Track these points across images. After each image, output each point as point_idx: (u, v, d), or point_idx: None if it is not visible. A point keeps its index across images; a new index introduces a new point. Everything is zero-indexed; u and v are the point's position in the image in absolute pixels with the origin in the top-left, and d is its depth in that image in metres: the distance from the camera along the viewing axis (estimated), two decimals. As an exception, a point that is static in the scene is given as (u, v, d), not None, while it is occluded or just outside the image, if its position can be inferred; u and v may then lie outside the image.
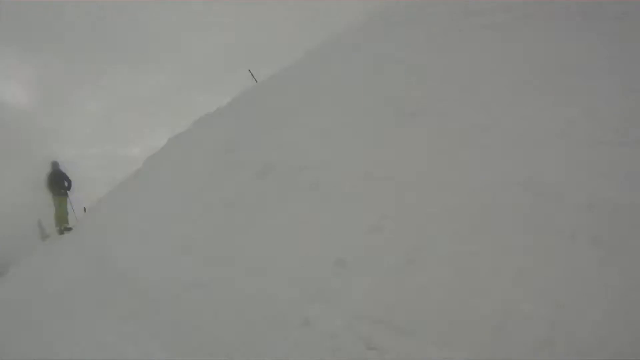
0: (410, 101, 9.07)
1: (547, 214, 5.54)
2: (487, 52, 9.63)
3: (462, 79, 9.08)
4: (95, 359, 6.93)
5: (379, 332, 5.26)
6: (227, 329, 6.54)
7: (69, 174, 18.48)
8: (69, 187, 18.34)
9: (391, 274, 5.83)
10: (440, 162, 7.20)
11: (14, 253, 20.51)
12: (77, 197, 19.14)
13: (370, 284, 5.87)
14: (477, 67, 9.24)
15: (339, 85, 11.69)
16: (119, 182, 18.67)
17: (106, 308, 8.47)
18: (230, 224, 8.91)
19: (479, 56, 9.62)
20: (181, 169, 13.33)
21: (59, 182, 18.15)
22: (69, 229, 17.31)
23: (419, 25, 12.63)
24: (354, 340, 5.32)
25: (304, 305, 6.13)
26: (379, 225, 6.65)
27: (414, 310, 5.27)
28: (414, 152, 7.69)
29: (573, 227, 5.24)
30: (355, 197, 7.48)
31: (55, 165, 18.28)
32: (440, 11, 12.53)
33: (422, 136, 7.97)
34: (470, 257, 5.50)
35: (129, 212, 13.50)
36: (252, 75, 22.56)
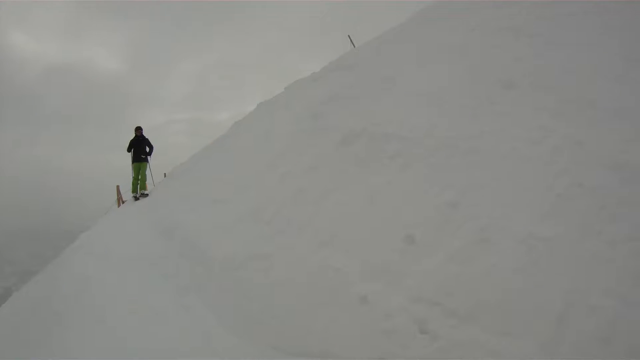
0: (507, 72, 8.98)
1: (632, 203, 5.51)
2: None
3: (568, 48, 8.97)
4: (148, 329, 7.17)
5: (434, 315, 5.50)
6: (283, 303, 6.79)
7: (152, 140, 19.03)
8: (149, 153, 18.92)
9: (459, 254, 6.03)
10: (533, 137, 7.14)
11: (89, 217, 21.36)
12: (159, 163, 19.72)
13: (435, 264, 6.10)
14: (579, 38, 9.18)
15: (438, 52, 11.64)
16: (202, 148, 19.03)
17: (168, 278, 8.82)
18: (304, 194, 9.18)
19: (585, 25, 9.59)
20: (264, 135, 13.55)
21: (140, 148, 18.76)
22: (146, 195, 17.91)
23: None
24: (408, 323, 5.54)
25: (365, 282, 6.36)
26: (455, 201, 6.82)
27: (476, 295, 5.47)
28: (506, 125, 7.65)
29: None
30: (436, 170, 7.61)
31: (138, 130, 18.90)
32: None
33: (518, 109, 7.88)
34: (544, 241, 5.58)
35: (204, 180, 13.85)
36: (351, 41, 22.59)
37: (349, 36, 23.17)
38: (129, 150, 18.79)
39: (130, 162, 18.77)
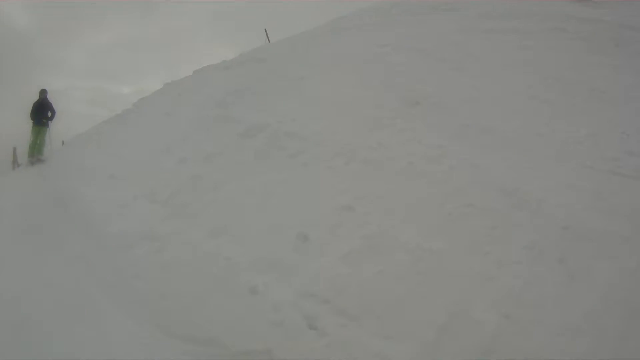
0: (417, 91, 9.22)
1: (521, 227, 5.71)
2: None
3: (473, 77, 9.30)
4: (37, 292, 6.98)
5: (323, 312, 5.48)
6: (173, 287, 6.71)
7: (54, 105, 18.52)
8: (51, 118, 18.33)
9: (350, 257, 6.07)
10: (428, 154, 7.37)
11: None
12: (57, 130, 19.16)
13: (326, 263, 6.10)
14: (488, 69, 9.53)
15: (350, 62, 11.84)
16: (102, 120, 18.66)
17: (56, 248, 8.57)
18: (201, 180, 9.10)
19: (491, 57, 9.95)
20: (167, 117, 13.42)
21: (42, 111, 18.13)
22: (42, 161, 17.37)
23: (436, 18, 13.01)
24: (297, 317, 5.53)
25: (255, 274, 6.32)
26: (350, 206, 6.88)
27: (363, 297, 5.49)
28: (406, 141, 7.84)
29: (543, 243, 5.40)
30: (334, 174, 7.69)
31: (43, 93, 18.29)
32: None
33: (419, 127, 8.12)
34: (432, 254, 5.72)
35: (103, 153, 13.57)
36: (267, 35, 22.63)
37: (265, 30, 23.20)
38: (32, 115, 18.19)
39: (31, 125, 18.22)
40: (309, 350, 5.13)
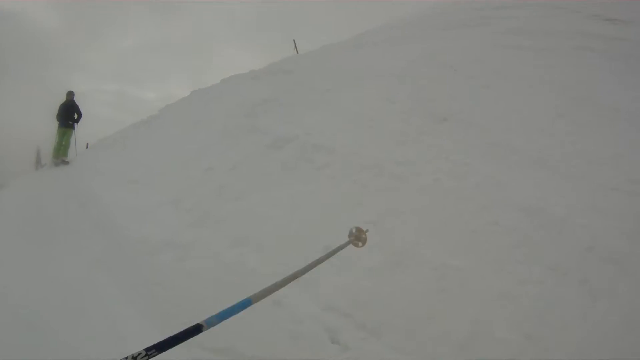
0: (444, 107, 9.18)
1: (545, 247, 5.65)
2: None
3: (500, 95, 9.28)
4: (55, 296, 6.93)
5: (345, 326, 5.48)
6: (196, 295, 6.67)
7: (80, 107, 18.62)
8: (77, 120, 18.44)
9: (373, 271, 6.06)
10: (454, 171, 7.32)
11: (4, 176, 20.76)
12: (82, 133, 19.26)
13: (349, 277, 6.08)
14: (515, 87, 9.52)
15: (377, 76, 11.83)
16: (128, 125, 18.73)
17: (77, 252, 8.54)
18: (226, 190, 9.10)
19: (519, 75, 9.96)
20: (194, 125, 13.44)
21: (68, 113, 18.24)
22: (66, 163, 17.43)
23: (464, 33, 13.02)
24: (319, 331, 5.52)
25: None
26: (376, 221, 6.79)
27: (386, 312, 5.50)
28: (433, 157, 7.80)
29: (565, 264, 5.32)
30: (360, 187, 7.67)
31: (70, 95, 18.42)
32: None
33: (446, 143, 8.08)
34: (455, 271, 5.70)
35: (128, 158, 13.61)
36: (295, 46, 22.68)
37: (293, 40, 23.30)
38: (58, 116, 18.26)
39: (56, 126, 18.29)
40: (330, 364, 5.09)
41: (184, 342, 5.50)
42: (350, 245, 6.38)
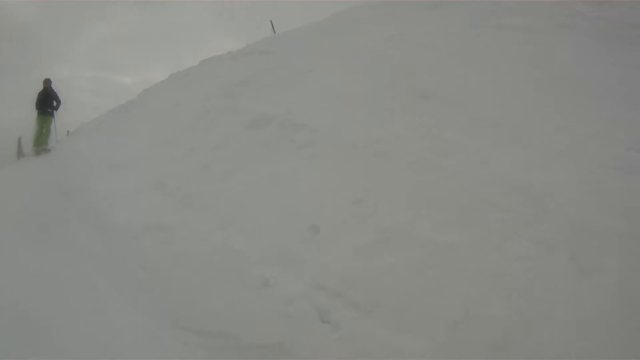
0: (425, 84, 9.14)
1: (533, 222, 5.65)
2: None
3: (481, 72, 9.28)
4: (43, 291, 6.87)
5: (336, 305, 5.45)
6: (182, 278, 6.69)
7: (59, 94, 18.54)
8: (56, 107, 18.37)
9: (361, 249, 6.00)
10: (439, 148, 7.30)
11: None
12: (62, 120, 19.18)
13: (337, 256, 6.05)
14: (498, 65, 9.51)
15: (356, 55, 11.78)
16: (107, 111, 18.64)
17: (62, 241, 8.52)
18: (209, 171, 9.04)
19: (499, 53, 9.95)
20: (173, 107, 13.40)
21: (47, 101, 18.17)
22: (47, 151, 17.36)
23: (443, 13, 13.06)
24: (310, 310, 5.51)
25: (266, 266, 6.30)
26: (361, 198, 6.80)
27: (376, 290, 5.45)
28: (416, 134, 7.78)
29: (554, 240, 5.33)
30: (345, 166, 7.60)
31: (47, 82, 18.33)
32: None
33: (429, 121, 8.06)
34: (445, 248, 5.66)
35: (108, 143, 13.57)
36: (272, 26, 22.59)
37: (270, 21, 23.14)
38: (37, 104, 18.18)
39: (35, 115, 18.21)
40: (321, 343, 5.11)
41: (175, 327, 5.52)
42: (338, 221, 6.42)
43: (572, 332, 4.45)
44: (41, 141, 17.76)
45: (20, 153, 19.44)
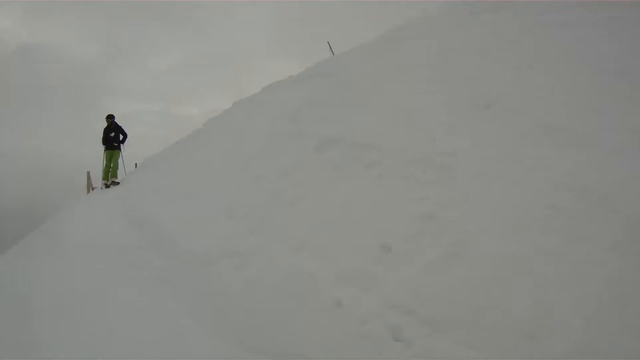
0: (484, 94, 9.18)
1: (602, 226, 5.64)
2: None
3: (535, 75, 9.24)
4: (117, 319, 7.04)
5: (408, 323, 5.49)
6: (257, 303, 6.81)
7: (125, 128, 18.99)
8: (123, 141, 18.84)
9: (433, 265, 6.06)
10: (503, 157, 7.34)
11: (58, 203, 21.22)
12: (129, 153, 19.60)
13: (409, 273, 6.11)
14: (551, 66, 9.45)
15: (413, 70, 11.87)
16: (174, 142, 18.98)
17: (138, 270, 8.69)
18: (278, 196, 9.21)
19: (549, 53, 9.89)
20: (239, 134, 13.59)
21: (113, 136, 18.66)
22: (117, 184, 17.78)
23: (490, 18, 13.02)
24: (382, 330, 5.56)
25: (339, 287, 6.38)
26: (430, 214, 6.87)
27: (448, 306, 5.49)
28: (480, 144, 7.82)
29: (624, 243, 5.32)
30: (412, 182, 7.67)
31: (110, 118, 18.81)
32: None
33: (491, 130, 8.07)
34: (514, 259, 5.68)
35: (177, 173, 13.84)
36: (330, 48, 22.77)
37: (328, 43, 23.35)
38: (103, 140, 18.67)
39: (103, 150, 18.67)
40: (395, 362, 5.13)
41: (250, 351, 5.61)
42: (408, 238, 6.46)
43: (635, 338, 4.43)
44: (110, 175, 18.18)
45: (89, 187, 19.96)
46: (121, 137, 18.88)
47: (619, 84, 8.13)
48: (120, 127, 18.98)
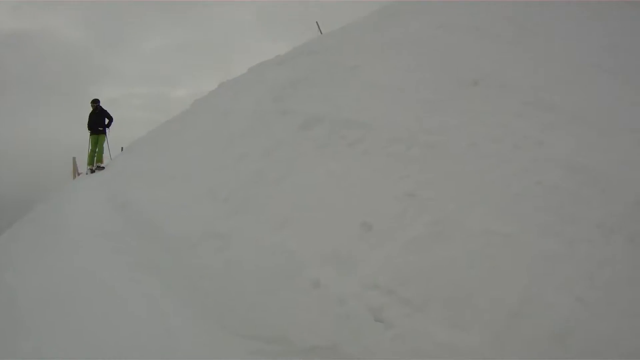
0: (474, 70, 9.10)
1: (591, 204, 5.60)
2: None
3: (530, 52, 9.16)
4: (102, 305, 7.00)
5: (389, 303, 5.44)
6: (238, 283, 6.72)
7: (110, 112, 18.92)
8: (108, 125, 18.79)
9: (414, 244, 6.00)
10: (491, 134, 7.26)
11: (45, 189, 21.20)
12: (116, 137, 19.55)
13: (390, 253, 6.05)
14: (544, 41, 9.36)
15: (402, 46, 11.78)
16: (160, 124, 18.90)
17: (120, 254, 8.65)
18: (262, 175, 9.12)
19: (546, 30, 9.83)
20: (224, 115, 13.50)
21: (97, 120, 18.65)
22: (102, 168, 17.72)
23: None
24: (363, 310, 5.52)
25: (319, 267, 6.32)
26: (413, 192, 6.81)
27: (430, 286, 5.44)
28: (467, 122, 7.74)
29: (613, 221, 5.24)
30: (395, 160, 7.63)
31: (94, 102, 18.77)
32: None
33: (479, 107, 8.00)
34: (500, 237, 5.62)
35: (162, 156, 13.76)
36: (319, 27, 22.64)
37: (316, 22, 23.20)
38: (88, 125, 18.62)
39: (88, 135, 18.61)
40: (375, 343, 5.12)
41: (231, 334, 5.56)
42: (390, 217, 6.39)
43: (635, 317, 4.37)
44: (95, 159, 18.13)
45: (75, 172, 19.91)
46: (106, 121, 18.81)
47: (615, 63, 8.06)
48: (106, 111, 18.94)
